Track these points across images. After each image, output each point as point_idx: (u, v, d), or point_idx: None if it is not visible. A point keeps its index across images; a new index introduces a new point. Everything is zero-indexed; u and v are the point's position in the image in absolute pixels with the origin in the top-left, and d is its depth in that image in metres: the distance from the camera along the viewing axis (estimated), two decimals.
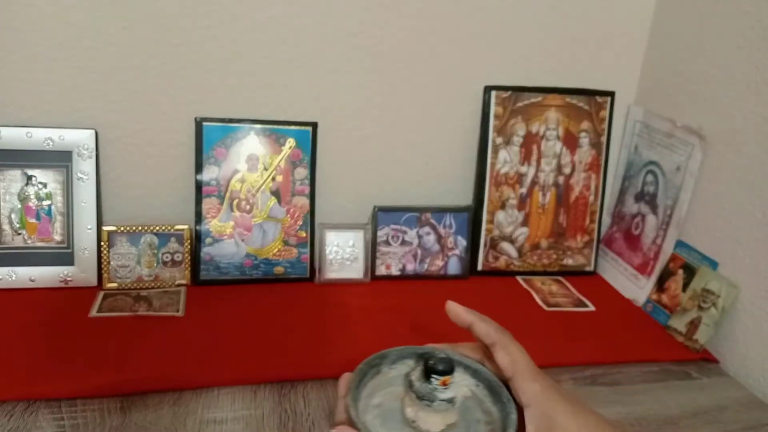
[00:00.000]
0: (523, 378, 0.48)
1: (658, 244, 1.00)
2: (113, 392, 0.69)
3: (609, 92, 1.08)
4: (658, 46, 1.06)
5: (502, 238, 1.08)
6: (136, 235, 0.94)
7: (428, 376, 0.48)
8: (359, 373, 0.51)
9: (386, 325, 0.89)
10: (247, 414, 0.69)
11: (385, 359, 0.54)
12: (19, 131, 0.89)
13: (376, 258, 1.03)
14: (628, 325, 0.96)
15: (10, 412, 0.66)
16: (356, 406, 0.47)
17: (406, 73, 1.01)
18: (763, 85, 0.84)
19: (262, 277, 0.99)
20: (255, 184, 0.97)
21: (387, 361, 0.54)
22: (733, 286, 0.86)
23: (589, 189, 1.09)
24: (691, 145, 0.95)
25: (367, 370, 0.52)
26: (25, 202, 0.91)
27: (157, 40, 0.92)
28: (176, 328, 0.84)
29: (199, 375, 0.74)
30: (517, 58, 1.05)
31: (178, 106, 0.95)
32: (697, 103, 0.96)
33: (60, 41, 0.89)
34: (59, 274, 0.92)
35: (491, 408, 0.51)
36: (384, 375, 0.53)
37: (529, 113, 1.05)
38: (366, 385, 0.51)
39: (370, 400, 0.51)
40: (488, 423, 0.50)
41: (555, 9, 1.03)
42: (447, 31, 1.01)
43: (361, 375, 0.51)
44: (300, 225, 1.00)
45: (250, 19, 0.93)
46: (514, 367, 0.49)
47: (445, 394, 0.48)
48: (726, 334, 0.88)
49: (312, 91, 0.99)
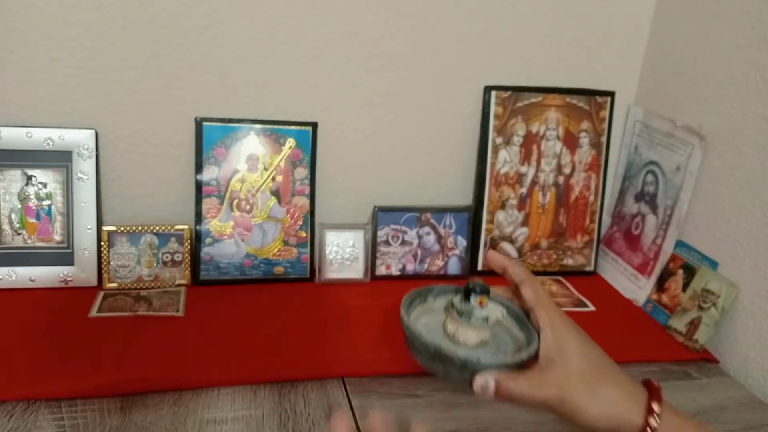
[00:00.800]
0: (541, 308, 0.58)
1: (658, 244, 1.00)
2: (113, 392, 0.69)
3: (609, 92, 1.08)
4: (658, 46, 1.06)
5: (502, 238, 1.08)
6: (136, 235, 0.94)
7: (468, 296, 0.59)
8: (408, 298, 0.62)
9: (386, 325, 0.89)
10: (247, 414, 0.69)
11: (430, 291, 0.66)
12: (19, 131, 0.89)
13: (376, 258, 1.03)
14: (628, 325, 0.96)
15: (10, 412, 0.66)
16: (409, 315, 0.60)
17: (405, 73, 1.02)
18: (763, 85, 0.84)
19: (262, 277, 0.99)
20: (255, 184, 0.97)
21: (432, 293, 0.66)
22: (733, 286, 0.86)
23: (589, 189, 1.09)
24: (691, 145, 0.95)
25: (416, 296, 0.64)
26: (25, 202, 0.91)
27: (157, 40, 0.92)
28: (176, 328, 0.84)
29: (199, 375, 0.74)
30: (517, 58, 1.05)
31: (178, 106, 0.95)
32: (697, 103, 0.96)
33: (60, 41, 0.89)
34: (59, 274, 0.92)
35: (517, 334, 0.62)
36: (429, 304, 0.65)
37: (529, 113, 1.05)
38: (414, 309, 0.63)
39: (418, 320, 0.62)
40: (515, 343, 0.61)
41: (555, 9, 1.03)
42: (447, 31, 1.01)
43: (410, 300, 0.63)
44: (300, 225, 1.00)
45: (250, 19, 0.93)
46: (537, 300, 0.58)
47: (481, 312, 0.59)
48: (726, 334, 0.88)
49: (312, 91, 0.99)
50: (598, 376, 0.55)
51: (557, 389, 0.53)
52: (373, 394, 0.74)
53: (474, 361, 0.54)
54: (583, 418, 0.53)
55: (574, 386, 0.54)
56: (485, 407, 0.73)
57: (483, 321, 0.59)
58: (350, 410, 0.71)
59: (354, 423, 0.68)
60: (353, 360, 0.80)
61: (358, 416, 0.70)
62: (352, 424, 0.52)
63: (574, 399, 0.53)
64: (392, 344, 0.84)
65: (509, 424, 0.70)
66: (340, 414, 0.48)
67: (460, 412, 0.72)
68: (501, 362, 0.55)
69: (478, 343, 0.59)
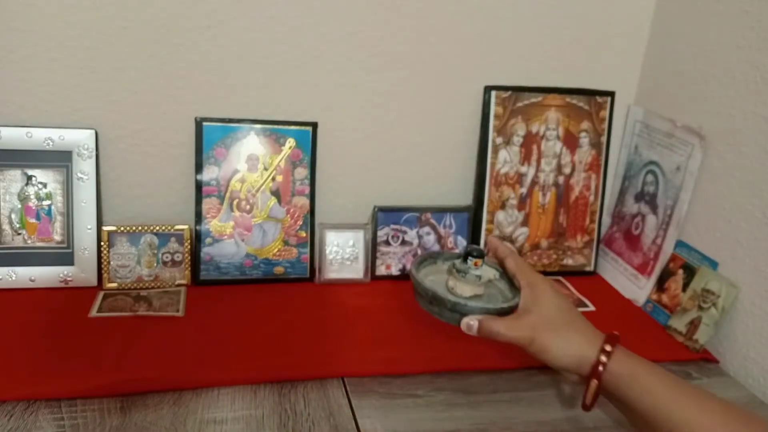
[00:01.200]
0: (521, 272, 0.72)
1: (658, 244, 1.00)
2: (113, 392, 0.69)
3: (609, 92, 1.08)
4: (658, 46, 1.06)
5: (502, 238, 1.08)
6: (136, 235, 0.94)
7: (466, 258, 0.73)
8: (420, 258, 0.78)
9: (386, 325, 0.89)
10: (247, 414, 0.69)
11: (439, 255, 0.81)
12: (19, 131, 0.89)
13: (376, 258, 1.03)
14: (628, 325, 0.95)
15: (10, 412, 0.66)
16: (418, 272, 0.74)
17: (405, 73, 1.02)
18: (763, 85, 0.84)
19: (262, 277, 0.99)
20: (255, 184, 0.97)
21: (440, 258, 0.81)
22: (733, 286, 0.86)
23: (589, 189, 1.09)
24: (691, 145, 0.95)
25: (426, 257, 0.79)
26: (25, 202, 0.91)
27: (157, 40, 0.92)
28: (176, 328, 0.84)
29: (199, 375, 0.74)
30: (517, 58, 1.05)
31: (178, 106, 0.95)
32: (697, 103, 0.96)
33: (60, 41, 0.89)
34: (59, 274, 0.92)
35: (507, 293, 0.75)
36: (438, 266, 0.80)
37: (529, 113, 1.05)
38: (425, 268, 0.78)
39: (426, 277, 0.76)
40: (503, 297, 0.75)
41: (555, 9, 1.03)
42: (447, 31, 1.01)
43: (421, 259, 0.78)
44: (300, 225, 1.00)
45: (250, 19, 0.93)
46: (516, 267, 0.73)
47: (476, 271, 0.73)
48: (726, 334, 0.88)
49: (312, 91, 0.99)
50: (564, 323, 0.67)
51: (529, 331, 0.65)
52: (373, 394, 0.74)
53: (462, 304, 0.68)
54: (549, 355, 0.65)
55: (543, 329, 0.66)
56: (485, 407, 0.73)
57: (476, 278, 0.73)
58: (350, 410, 0.71)
59: (354, 423, 0.69)
60: (353, 360, 0.80)
61: (358, 416, 0.70)
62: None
63: (542, 339, 0.65)
64: (392, 344, 0.84)
65: (509, 424, 0.70)
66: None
67: (460, 412, 0.72)
68: (484, 307, 0.69)
69: (471, 296, 0.72)
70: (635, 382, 0.61)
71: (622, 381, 0.62)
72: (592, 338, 0.65)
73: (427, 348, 0.83)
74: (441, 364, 0.80)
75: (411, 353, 0.82)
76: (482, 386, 0.77)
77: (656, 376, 0.61)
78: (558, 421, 0.72)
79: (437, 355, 0.81)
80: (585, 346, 0.64)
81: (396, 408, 0.72)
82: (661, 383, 0.61)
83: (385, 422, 0.69)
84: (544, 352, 0.65)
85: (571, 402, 0.75)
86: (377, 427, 0.68)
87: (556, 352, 0.65)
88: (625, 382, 0.62)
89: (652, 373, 0.62)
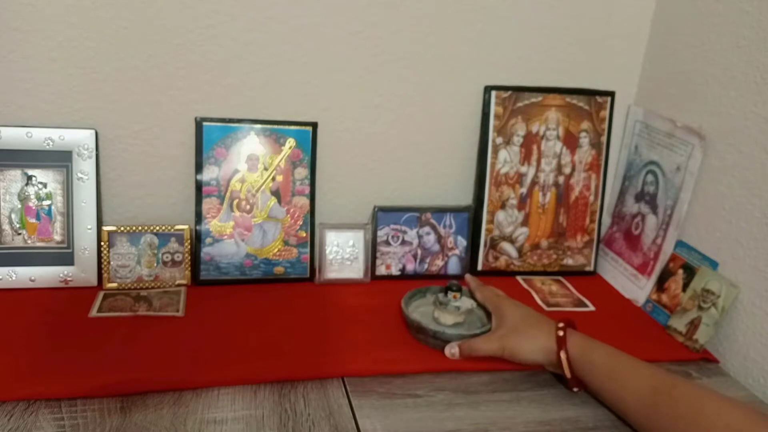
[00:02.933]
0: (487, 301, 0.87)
1: (658, 244, 1.00)
2: (113, 392, 0.69)
3: (609, 92, 1.08)
4: (658, 46, 1.06)
5: (502, 238, 1.08)
6: (136, 235, 0.94)
7: (446, 292, 0.86)
8: (410, 294, 0.90)
9: (386, 325, 0.89)
10: (247, 414, 0.69)
11: (429, 290, 0.93)
12: (19, 131, 0.89)
13: (376, 258, 1.03)
14: (628, 325, 0.95)
15: (10, 412, 0.66)
16: (407, 306, 0.87)
17: (406, 73, 1.02)
18: (763, 85, 0.84)
19: (262, 277, 0.99)
20: (255, 184, 0.97)
21: (430, 291, 0.93)
22: (733, 286, 0.86)
23: (589, 189, 1.09)
24: (691, 145, 0.95)
25: (416, 292, 0.91)
26: (25, 202, 0.91)
27: (157, 40, 0.92)
28: (176, 328, 0.84)
29: (199, 375, 0.74)
30: (517, 58, 1.05)
31: (178, 106, 0.95)
32: (697, 103, 0.96)
33: (60, 41, 0.89)
34: (59, 274, 0.92)
35: (484, 318, 0.88)
36: (427, 299, 0.92)
37: (529, 113, 1.05)
38: (416, 301, 0.91)
39: (417, 309, 0.89)
40: (482, 324, 0.86)
41: (555, 9, 1.03)
42: (447, 31, 1.01)
43: (411, 294, 0.90)
44: (300, 225, 1.00)
45: (250, 19, 0.93)
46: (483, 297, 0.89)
47: (455, 302, 0.85)
48: (726, 334, 0.88)
49: (312, 91, 0.99)
50: (526, 325, 0.79)
51: (498, 342, 0.78)
52: (373, 394, 0.74)
53: (441, 332, 0.81)
54: (521, 356, 0.77)
55: (510, 336, 0.78)
56: (485, 407, 0.73)
57: (456, 308, 0.85)
58: (350, 410, 0.71)
59: (354, 423, 0.69)
60: (353, 360, 0.80)
61: (358, 416, 0.70)
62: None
63: (511, 345, 0.77)
64: (392, 344, 0.84)
65: (509, 424, 0.70)
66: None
67: (460, 412, 0.72)
68: (460, 334, 0.81)
69: (454, 324, 0.85)
70: (586, 362, 0.72)
71: (577, 363, 0.73)
72: (550, 329, 0.76)
73: (427, 348, 0.83)
74: (441, 364, 0.80)
75: (411, 353, 0.82)
76: (482, 386, 0.77)
77: (598, 352, 0.72)
78: (558, 421, 0.72)
79: (437, 355, 0.81)
80: (547, 338, 0.75)
81: (396, 408, 0.72)
82: (600, 357, 0.72)
83: (385, 422, 0.69)
84: (516, 355, 0.77)
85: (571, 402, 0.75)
86: (377, 427, 0.68)
87: (525, 354, 0.77)
88: (578, 363, 0.73)
89: (596, 348, 0.73)
